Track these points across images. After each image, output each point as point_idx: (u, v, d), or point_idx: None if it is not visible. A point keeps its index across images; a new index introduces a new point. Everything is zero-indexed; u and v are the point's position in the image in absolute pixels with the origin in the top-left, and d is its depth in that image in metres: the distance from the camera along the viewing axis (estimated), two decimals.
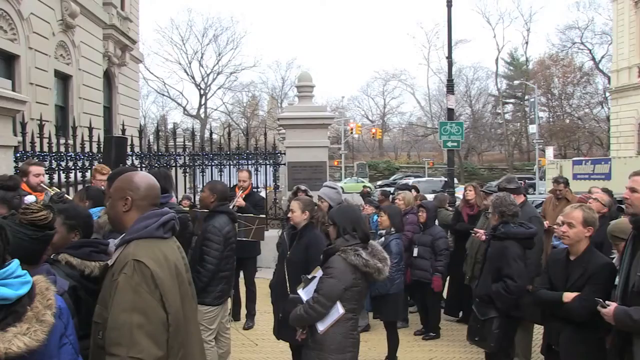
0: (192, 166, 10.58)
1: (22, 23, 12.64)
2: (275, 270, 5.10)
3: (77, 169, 8.80)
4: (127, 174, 2.65)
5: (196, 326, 2.70)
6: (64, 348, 2.13)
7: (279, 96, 60.95)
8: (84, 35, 15.82)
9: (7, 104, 6.27)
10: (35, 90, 12.82)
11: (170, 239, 2.57)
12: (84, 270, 2.80)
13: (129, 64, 21.10)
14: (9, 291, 1.90)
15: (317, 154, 10.08)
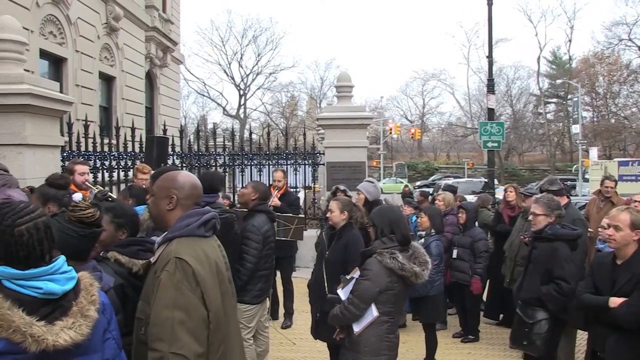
0: (231, 166, 10.69)
1: (70, 27, 12.99)
2: (314, 269, 5.11)
3: (120, 168, 8.99)
4: (170, 173, 2.69)
5: (236, 324, 2.72)
6: (107, 343, 2.18)
7: (318, 96, 61.08)
8: (127, 37, 16.15)
9: (55, 105, 6.44)
10: (81, 92, 13.16)
11: (211, 238, 2.60)
12: (132, 268, 2.85)
13: (170, 65, 21.43)
14: (56, 286, 1.95)
15: (356, 154, 10.06)
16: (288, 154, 10.93)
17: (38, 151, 6.23)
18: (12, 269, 1.90)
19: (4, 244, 1.92)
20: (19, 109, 5.96)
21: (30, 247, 1.94)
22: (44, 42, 11.91)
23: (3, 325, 1.81)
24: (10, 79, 5.98)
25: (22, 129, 6.02)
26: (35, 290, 1.91)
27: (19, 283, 1.90)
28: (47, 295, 1.92)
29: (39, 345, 1.84)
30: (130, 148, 9.21)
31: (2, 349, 1.82)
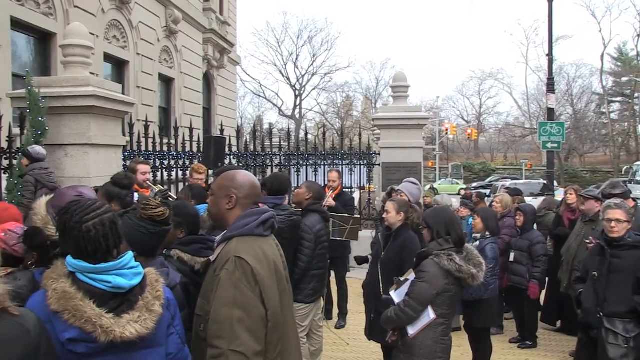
0: (287, 166, 10.76)
1: (132, 31, 13.41)
2: (369, 270, 5.10)
3: (178, 167, 9.19)
4: (230, 172, 2.72)
5: (293, 323, 2.74)
6: (171, 337, 2.24)
7: (373, 96, 60.91)
8: (185, 40, 16.52)
9: (117, 107, 6.66)
10: (142, 93, 13.57)
11: (269, 237, 2.62)
12: (194, 265, 2.92)
13: (227, 67, 21.76)
14: (123, 281, 2.03)
15: (411, 155, 9.97)
16: (343, 154, 10.93)
17: (102, 151, 6.45)
18: (85, 262, 2.00)
19: (74, 239, 2.02)
20: (85, 111, 6.19)
21: (97, 242, 2.03)
22: (108, 46, 12.35)
23: (76, 315, 1.91)
24: (78, 81, 6.21)
25: (87, 129, 6.24)
26: (104, 283, 2.00)
27: (91, 276, 2.00)
28: (115, 289, 2.01)
29: (108, 336, 1.93)
30: (189, 148, 9.38)
31: (76, 336, 1.92)
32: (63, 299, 1.93)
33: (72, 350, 1.94)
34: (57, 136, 6.20)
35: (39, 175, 6.12)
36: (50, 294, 1.95)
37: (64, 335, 1.91)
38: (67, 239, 2.04)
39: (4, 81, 8.82)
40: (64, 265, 2.04)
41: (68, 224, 2.04)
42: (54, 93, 6.13)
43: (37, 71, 9.82)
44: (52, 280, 1.99)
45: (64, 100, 6.14)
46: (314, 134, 20.82)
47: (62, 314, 1.92)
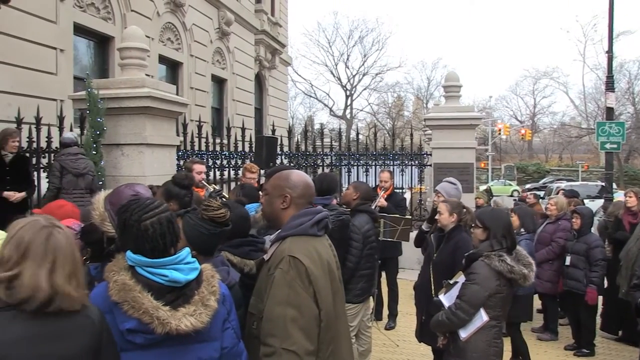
0: (338, 166, 10.76)
1: (186, 33, 13.69)
2: (421, 272, 5.05)
3: (231, 167, 9.31)
4: (284, 172, 2.73)
5: (345, 323, 2.72)
6: (227, 332, 2.27)
7: (425, 96, 60.27)
8: (237, 41, 16.74)
9: (172, 107, 6.79)
10: (195, 94, 13.83)
11: (322, 237, 2.62)
12: (244, 268, 2.94)
13: (279, 67, 21.93)
14: (180, 275, 2.08)
15: (463, 156, 9.83)
16: (394, 154, 10.85)
17: (156, 150, 6.59)
18: (143, 257, 2.07)
19: (132, 236, 2.09)
20: (141, 111, 6.34)
21: (154, 240, 2.08)
22: (163, 48, 12.64)
23: (135, 306, 1.98)
24: (134, 83, 6.37)
25: (142, 129, 6.39)
26: (162, 277, 2.05)
27: (149, 270, 2.06)
28: (172, 283, 2.06)
29: (164, 327, 1.98)
30: (241, 148, 9.50)
31: (135, 327, 1.99)
32: (123, 290, 2.00)
33: (130, 341, 2.00)
34: (114, 136, 6.38)
35: (64, 161, 6.31)
36: (112, 286, 2.02)
37: (124, 326, 1.98)
38: (126, 236, 2.11)
39: (67, 84, 9.15)
40: (124, 259, 2.11)
41: (127, 222, 2.10)
42: (112, 94, 6.30)
43: (96, 73, 10.14)
44: (113, 273, 2.06)
45: (121, 101, 6.30)
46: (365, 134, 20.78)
47: (122, 305, 1.99)
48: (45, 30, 8.80)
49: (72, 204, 3.64)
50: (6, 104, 7.83)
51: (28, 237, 1.77)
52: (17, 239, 1.77)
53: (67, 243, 1.83)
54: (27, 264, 1.73)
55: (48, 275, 1.74)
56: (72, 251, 1.84)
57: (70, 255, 1.82)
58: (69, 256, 1.81)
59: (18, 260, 1.73)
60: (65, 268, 1.79)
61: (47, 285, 1.72)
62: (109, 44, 10.77)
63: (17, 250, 1.75)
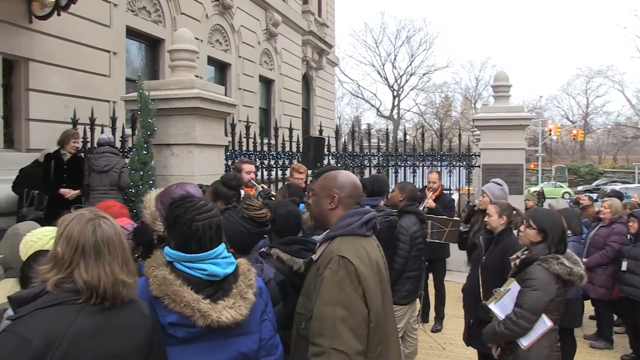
0: (385, 166, 10.70)
1: (234, 35, 13.86)
2: (469, 274, 4.97)
3: (278, 167, 9.36)
4: (331, 173, 2.73)
5: (394, 324, 2.70)
6: (264, 324, 2.30)
7: (473, 96, 59.43)
8: (285, 42, 16.84)
9: (220, 108, 6.86)
10: (243, 95, 13.98)
11: (371, 237, 2.61)
12: (293, 266, 2.96)
13: (326, 68, 21.96)
14: (218, 269, 2.12)
15: (513, 156, 9.63)
16: (442, 155, 10.72)
17: (205, 150, 6.67)
18: (181, 252, 2.11)
19: (181, 234, 2.13)
20: (190, 112, 6.43)
21: (202, 242, 2.12)
22: (211, 49, 12.83)
23: (176, 300, 2.01)
24: (183, 84, 6.47)
25: (192, 129, 6.48)
26: (200, 271, 2.09)
27: (187, 265, 2.10)
28: (211, 277, 2.10)
29: (205, 320, 2.02)
30: (288, 148, 9.54)
31: (176, 320, 2.03)
32: (163, 284, 2.04)
33: (172, 335, 2.04)
34: (164, 136, 6.49)
35: (90, 160, 6.70)
36: (152, 281, 2.06)
37: (165, 320, 2.02)
38: (175, 231, 2.15)
39: (119, 85, 9.39)
40: (162, 254, 2.16)
41: (179, 219, 2.14)
42: (162, 95, 6.41)
43: (147, 75, 10.36)
44: (152, 268, 2.11)
45: (171, 102, 6.41)
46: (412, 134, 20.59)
47: (162, 299, 2.02)
48: (99, 34, 9.06)
49: (120, 205, 3.73)
50: (63, 106, 8.09)
51: (76, 231, 1.80)
52: (67, 235, 1.80)
53: (114, 232, 1.87)
54: (81, 259, 1.77)
55: (103, 266, 1.78)
56: (120, 240, 1.88)
57: (119, 244, 1.86)
58: (118, 245, 1.86)
59: (72, 256, 1.77)
60: (116, 257, 1.83)
61: (104, 275, 1.77)
62: (159, 46, 11.00)
63: (68, 246, 1.78)
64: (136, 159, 6.24)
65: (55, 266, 1.78)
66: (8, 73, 7.66)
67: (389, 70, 61.54)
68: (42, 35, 7.91)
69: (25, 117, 7.79)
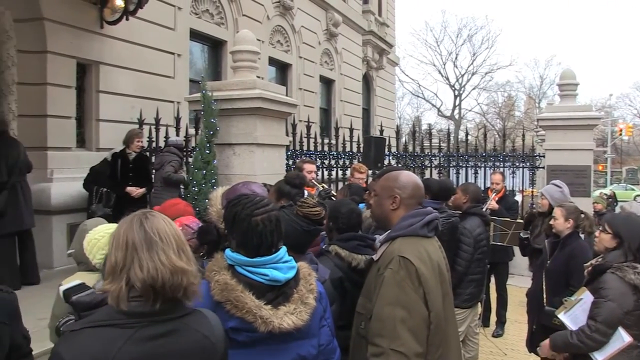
0: (446, 167, 10.55)
1: (294, 35, 13.97)
2: (533, 278, 4.83)
3: (338, 167, 9.36)
4: (393, 173, 2.71)
5: (455, 327, 2.65)
6: (323, 329, 2.28)
7: (537, 95, 57.77)
8: (345, 42, 16.85)
9: (281, 108, 6.91)
10: (303, 95, 14.07)
11: (432, 238, 2.58)
12: (351, 262, 2.95)
13: (386, 67, 21.86)
14: (279, 274, 2.10)
15: (580, 157, 9.30)
16: (505, 156, 10.47)
17: (266, 150, 6.74)
18: (243, 256, 2.09)
19: (242, 230, 2.11)
20: (252, 112, 6.50)
21: (263, 236, 2.10)
22: (272, 50, 12.97)
23: (238, 306, 2.00)
24: (245, 84, 6.55)
25: (253, 129, 6.55)
26: (262, 276, 2.07)
27: (249, 269, 2.08)
28: (272, 282, 2.08)
29: (267, 326, 2.00)
30: (349, 148, 9.53)
31: (238, 326, 2.02)
32: (225, 290, 2.03)
33: (233, 339, 2.03)
34: (226, 136, 6.58)
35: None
36: (213, 286, 2.05)
37: (227, 324, 2.00)
38: (235, 229, 2.15)
39: (183, 86, 9.64)
40: (223, 258, 2.15)
41: (238, 216, 2.14)
42: (224, 96, 6.51)
43: (210, 76, 10.59)
44: (214, 272, 2.10)
45: (233, 103, 6.49)
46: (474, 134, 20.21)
47: (224, 305, 2.01)
48: (164, 37, 9.32)
49: (186, 202, 3.80)
50: (130, 107, 8.38)
51: (123, 230, 1.72)
52: (117, 238, 1.72)
53: (164, 222, 1.76)
54: (134, 255, 1.67)
55: (157, 255, 1.68)
56: (172, 228, 1.77)
57: (172, 232, 1.75)
58: (170, 233, 1.75)
59: (124, 256, 1.68)
60: (170, 243, 1.72)
61: (160, 265, 1.66)
62: (221, 48, 11.22)
63: (119, 249, 1.69)
64: (199, 158, 6.36)
65: (113, 276, 1.68)
66: (81, 76, 8.03)
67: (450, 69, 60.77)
68: (112, 39, 8.23)
69: (95, 117, 8.13)
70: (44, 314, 5.32)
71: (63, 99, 7.60)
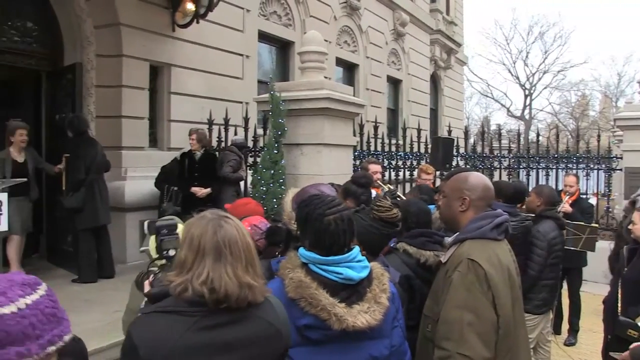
0: (516, 168, 10.27)
1: (362, 36, 13.97)
2: (610, 284, 4.62)
3: (406, 167, 9.28)
4: (462, 174, 2.67)
5: (525, 333, 2.59)
6: (395, 330, 2.25)
7: (614, 94, 55.43)
8: (412, 41, 16.70)
9: (349, 108, 6.90)
10: (371, 95, 14.03)
11: (502, 241, 2.52)
12: (420, 258, 2.93)
13: (454, 67, 21.56)
14: (353, 273, 2.09)
15: None
16: (579, 157, 10.08)
17: (334, 150, 6.74)
18: (317, 254, 2.10)
19: (314, 230, 2.13)
20: (319, 112, 6.52)
21: (335, 236, 2.11)
22: (339, 50, 13.00)
23: (312, 303, 2.01)
24: (313, 85, 6.57)
25: (321, 129, 6.57)
26: (336, 275, 2.07)
27: (323, 268, 2.09)
28: (346, 281, 2.08)
29: (341, 324, 2.00)
30: (416, 149, 9.44)
31: (311, 323, 2.03)
32: (299, 287, 2.04)
33: (306, 337, 2.04)
34: (294, 136, 6.63)
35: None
36: (287, 283, 2.07)
37: (300, 322, 2.03)
38: (308, 229, 2.16)
39: (252, 87, 9.80)
40: (296, 256, 2.16)
41: (310, 216, 2.15)
42: (292, 96, 6.55)
43: (278, 77, 10.70)
44: (288, 270, 2.12)
45: (301, 103, 6.53)
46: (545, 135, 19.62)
47: (298, 302, 2.03)
48: (233, 39, 9.50)
49: (256, 202, 3.84)
50: (200, 107, 8.58)
51: (197, 233, 1.75)
52: (189, 238, 1.75)
53: (237, 232, 1.78)
54: (201, 261, 1.71)
55: (224, 268, 1.71)
56: (244, 240, 1.79)
57: (243, 244, 1.78)
58: (242, 245, 1.77)
59: (193, 258, 1.72)
60: (240, 258, 1.75)
61: (226, 277, 1.69)
62: (289, 49, 11.34)
63: (190, 249, 1.74)
64: (267, 158, 6.43)
65: (180, 270, 1.74)
66: (153, 78, 8.31)
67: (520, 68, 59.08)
68: (183, 42, 8.47)
69: (167, 118, 8.38)
70: (118, 307, 5.55)
71: (137, 100, 7.88)
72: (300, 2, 11.46)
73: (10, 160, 6.50)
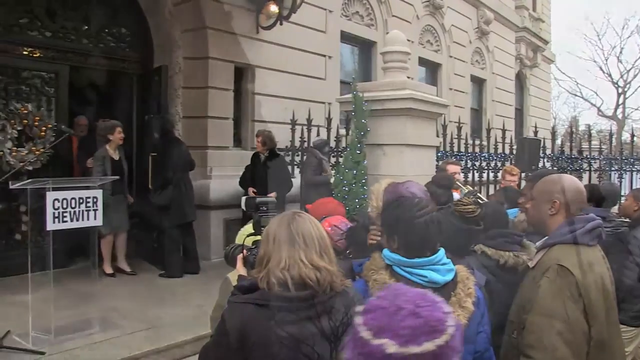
0: (607, 171, 9.82)
1: (444, 35, 13.77)
2: None
3: (490, 169, 9.08)
4: (553, 177, 2.59)
5: (621, 344, 2.47)
6: (480, 336, 2.21)
7: None
8: (497, 40, 16.30)
9: (432, 108, 6.82)
10: (454, 95, 13.81)
11: (595, 247, 2.41)
12: (499, 259, 2.88)
13: (541, 65, 20.90)
14: (438, 276, 2.08)
15: None
16: None
17: (416, 150, 6.67)
18: (401, 256, 2.10)
19: (404, 231, 2.13)
20: (402, 112, 6.47)
21: (425, 237, 2.11)
22: (422, 50, 12.88)
23: None
24: (395, 85, 6.54)
25: (403, 129, 6.52)
26: (420, 277, 2.07)
27: (407, 270, 2.09)
28: (431, 284, 2.05)
29: None
30: (500, 149, 9.22)
31: None
32: None
33: None
34: (376, 136, 6.61)
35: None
36: (372, 284, 2.09)
37: None
38: (397, 231, 2.16)
39: (334, 87, 9.87)
40: (381, 258, 2.16)
41: (400, 218, 2.15)
42: (375, 97, 6.54)
43: (360, 77, 10.70)
44: (372, 272, 2.13)
45: (384, 103, 6.51)
46: None
47: None
48: (316, 39, 9.61)
49: (337, 202, 3.86)
50: (283, 108, 8.72)
51: (273, 229, 1.87)
52: (265, 235, 1.88)
53: (310, 224, 1.88)
54: (276, 250, 1.82)
55: (298, 253, 1.80)
56: (318, 231, 1.88)
57: (317, 234, 1.87)
58: (315, 235, 1.86)
59: (268, 250, 1.83)
60: (314, 245, 1.83)
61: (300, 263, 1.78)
62: (371, 49, 11.32)
63: (267, 244, 1.85)
64: (350, 158, 6.45)
65: (260, 266, 1.84)
66: (238, 79, 8.52)
67: (613, 64, 56.16)
68: (266, 43, 8.66)
69: (251, 118, 8.60)
70: (202, 301, 5.75)
71: (222, 101, 8.12)
72: (382, 1, 11.43)
73: (109, 158, 6.84)
